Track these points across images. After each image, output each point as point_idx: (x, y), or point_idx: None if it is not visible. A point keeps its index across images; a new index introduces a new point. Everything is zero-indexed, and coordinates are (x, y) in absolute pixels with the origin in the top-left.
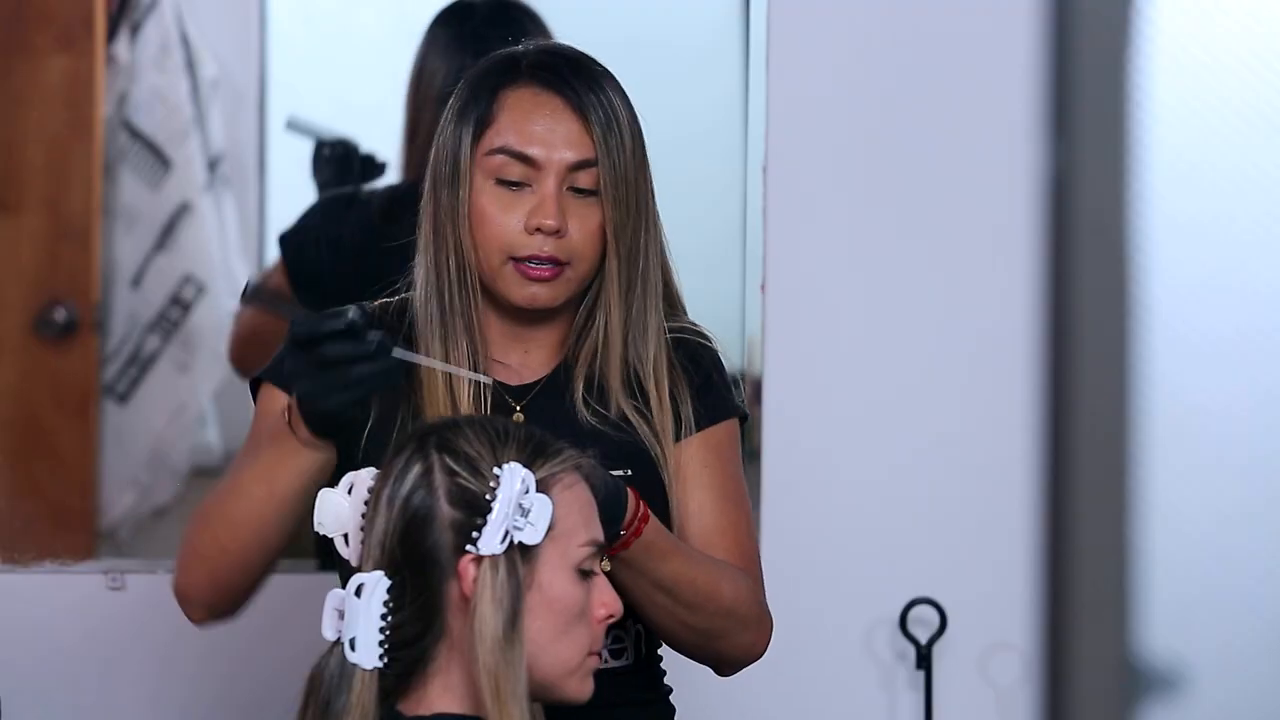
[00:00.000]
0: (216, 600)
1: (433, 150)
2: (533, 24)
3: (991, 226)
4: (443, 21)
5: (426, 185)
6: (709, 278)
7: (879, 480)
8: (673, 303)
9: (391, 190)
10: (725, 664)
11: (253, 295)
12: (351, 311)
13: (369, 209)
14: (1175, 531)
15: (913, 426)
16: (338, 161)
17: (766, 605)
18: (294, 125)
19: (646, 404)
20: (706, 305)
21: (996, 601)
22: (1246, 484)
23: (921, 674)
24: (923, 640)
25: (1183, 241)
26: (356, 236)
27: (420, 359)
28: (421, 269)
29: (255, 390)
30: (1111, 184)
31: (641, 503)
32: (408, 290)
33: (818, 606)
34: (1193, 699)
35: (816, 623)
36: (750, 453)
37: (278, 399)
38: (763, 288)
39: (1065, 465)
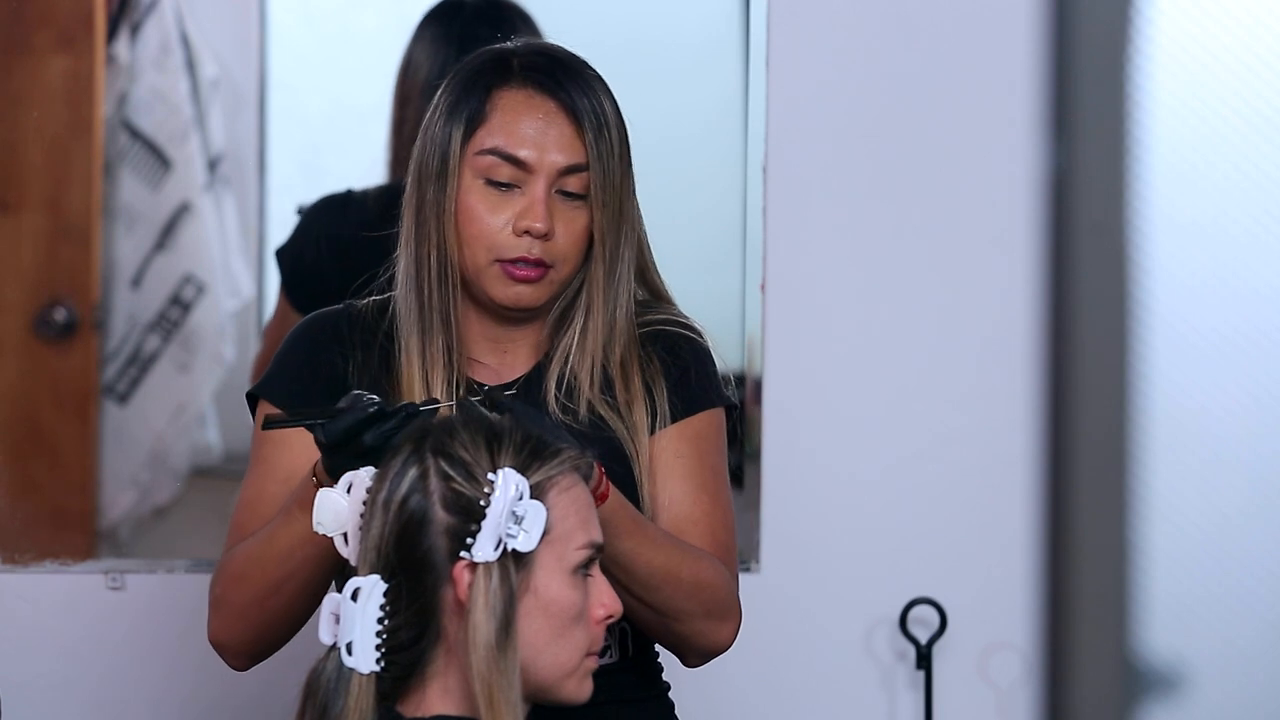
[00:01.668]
0: (261, 649)
1: (419, 144)
2: (522, 22)
3: (991, 226)
4: (432, 18)
5: (410, 177)
6: (709, 277)
7: (879, 480)
8: (657, 293)
9: (388, 188)
10: (690, 652)
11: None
12: (365, 399)
13: (366, 208)
14: (1175, 531)
15: (912, 426)
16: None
17: (737, 597)
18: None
19: (617, 400)
20: (706, 305)
21: (996, 601)
22: (1246, 484)
23: (921, 674)
24: (923, 640)
25: (1183, 241)
26: (354, 236)
27: (441, 405)
28: (402, 262)
29: (253, 405)
30: (1111, 184)
31: (605, 481)
32: (389, 284)
33: (818, 606)
34: (1193, 699)
35: (816, 623)
36: (750, 453)
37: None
38: (762, 287)
39: (1065, 465)
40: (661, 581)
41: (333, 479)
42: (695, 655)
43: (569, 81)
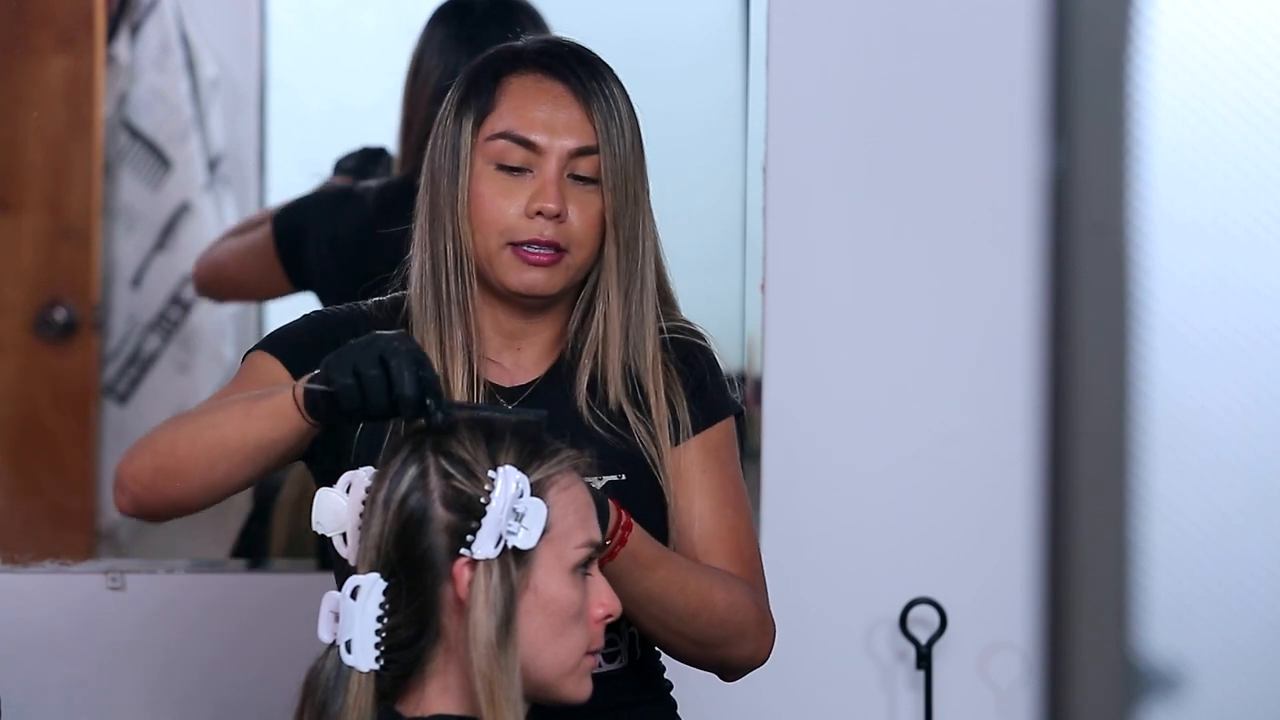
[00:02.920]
0: (145, 496)
1: (431, 141)
2: (531, 23)
3: (991, 226)
4: (441, 19)
5: (424, 177)
6: (709, 277)
7: (879, 480)
8: (667, 299)
9: (385, 186)
10: (728, 671)
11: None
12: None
13: (364, 205)
14: (1175, 531)
15: (912, 426)
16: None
17: (769, 611)
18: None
19: (645, 405)
20: (706, 305)
21: (996, 601)
22: (1246, 484)
23: (921, 674)
24: (923, 640)
25: (1183, 241)
26: (352, 233)
27: (473, 408)
28: (417, 260)
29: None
30: (1111, 184)
31: (624, 512)
32: (402, 285)
33: (818, 606)
34: (1193, 699)
35: (816, 623)
36: (750, 452)
37: (273, 363)
38: (762, 287)
39: (1065, 465)
40: (698, 609)
41: (313, 415)
42: (733, 673)
43: (578, 66)
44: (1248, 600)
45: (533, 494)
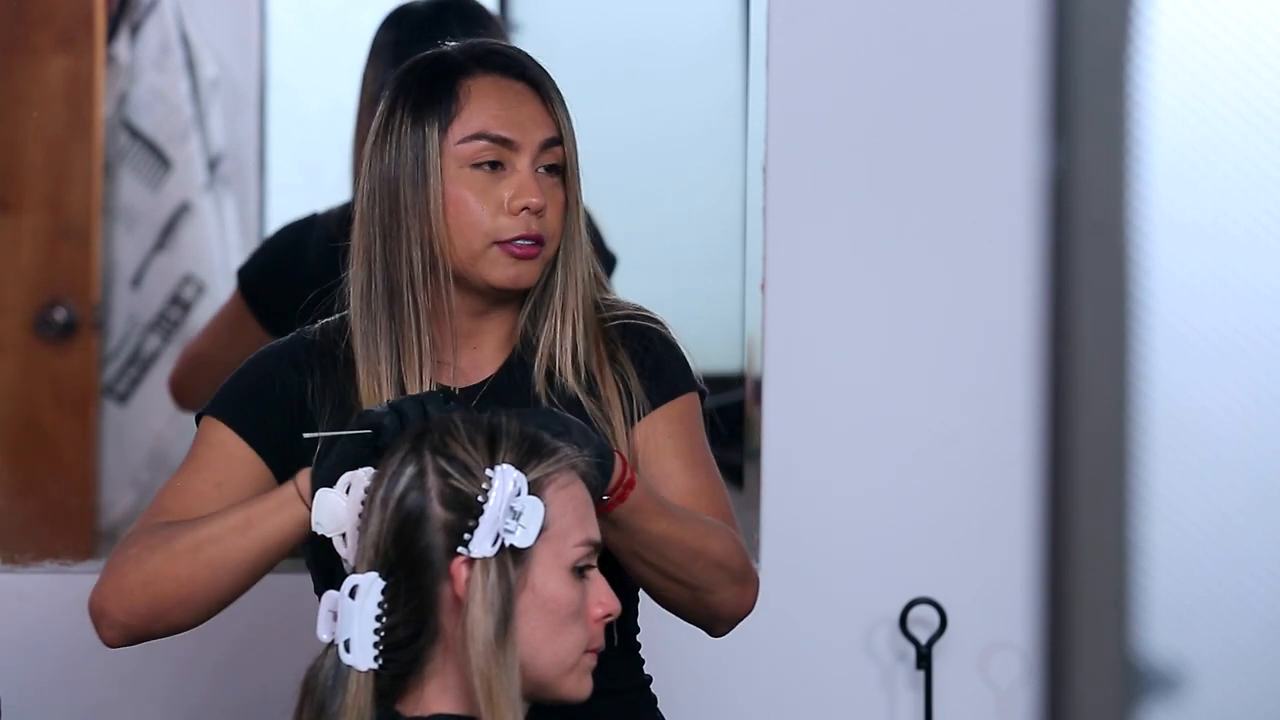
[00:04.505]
0: (141, 628)
1: (378, 152)
2: (459, 27)
3: (991, 226)
4: (381, 27)
5: (374, 188)
6: (709, 277)
7: (879, 480)
8: (600, 282)
9: (349, 204)
10: (718, 620)
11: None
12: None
13: (329, 227)
14: (1175, 531)
15: (913, 426)
16: None
17: (750, 560)
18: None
19: (596, 388)
20: (706, 305)
21: (996, 601)
22: (1246, 484)
23: (921, 674)
24: (923, 640)
25: (1183, 241)
26: (321, 258)
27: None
28: (363, 275)
29: (198, 423)
30: (1111, 184)
31: (629, 467)
32: (342, 304)
33: (818, 606)
34: (1193, 699)
35: (816, 623)
36: (750, 453)
37: (222, 431)
38: (763, 287)
39: (1065, 465)
40: (694, 556)
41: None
42: (723, 624)
43: (526, 63)
44: (1248, 600)
45: (530, 493)
